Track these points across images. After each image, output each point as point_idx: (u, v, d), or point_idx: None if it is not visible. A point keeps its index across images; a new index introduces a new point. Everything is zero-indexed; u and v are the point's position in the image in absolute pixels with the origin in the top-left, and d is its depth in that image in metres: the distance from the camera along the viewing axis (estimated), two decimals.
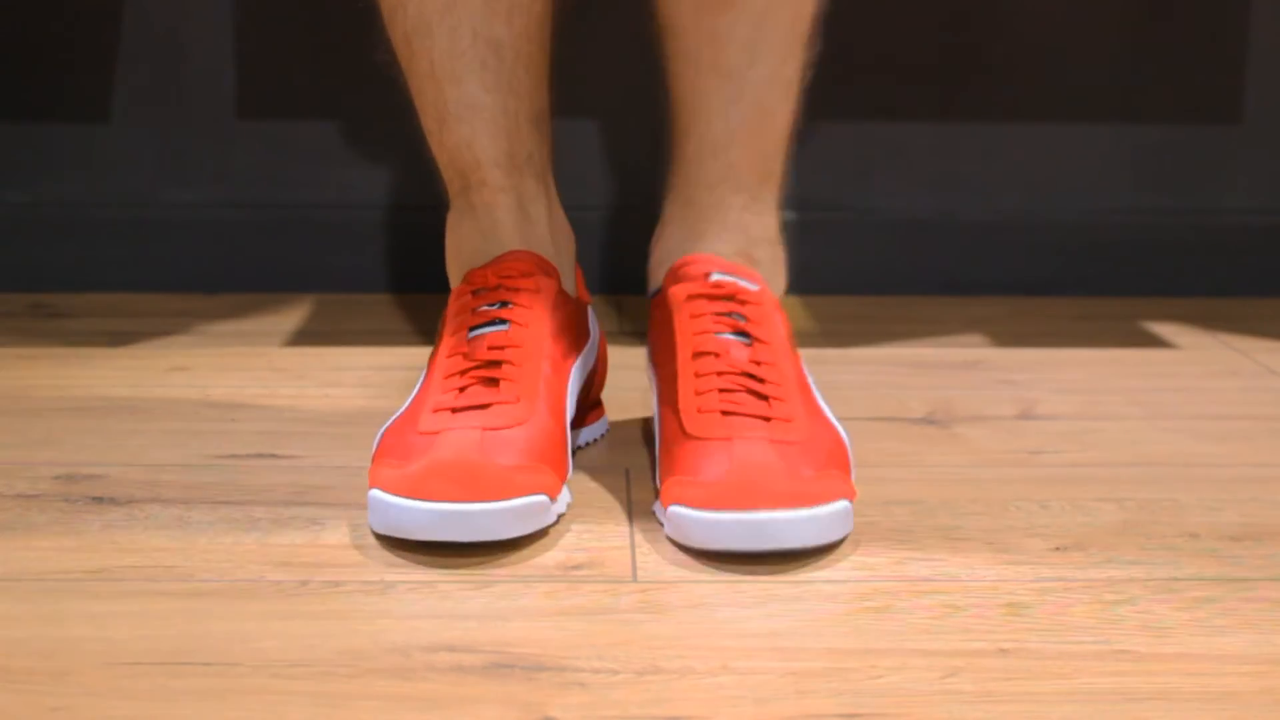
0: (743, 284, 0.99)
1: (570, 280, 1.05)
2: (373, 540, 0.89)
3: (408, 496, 0.85)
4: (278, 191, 1.65)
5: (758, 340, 0.96)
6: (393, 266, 1.65)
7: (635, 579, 0.84)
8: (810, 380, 0.99)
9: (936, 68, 1.66)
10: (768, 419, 0.91)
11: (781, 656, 0.75)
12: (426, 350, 1.04)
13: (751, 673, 0.73)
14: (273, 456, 1.04)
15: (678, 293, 0.99)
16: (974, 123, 1.66)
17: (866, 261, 1.64)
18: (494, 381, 0.93)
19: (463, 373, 0.94)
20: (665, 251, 1.05)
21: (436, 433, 0.90)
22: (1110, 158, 1.68)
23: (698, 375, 0.93)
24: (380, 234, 1.66)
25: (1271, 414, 1.20)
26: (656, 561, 0.86)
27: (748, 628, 0.78)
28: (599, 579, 0.84)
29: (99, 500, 0.95)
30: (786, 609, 0.80)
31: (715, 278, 0.99)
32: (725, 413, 0.91)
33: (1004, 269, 1.65)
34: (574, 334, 1.01)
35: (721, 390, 0.93)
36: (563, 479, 0.92)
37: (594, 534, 0.91)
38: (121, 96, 1.63)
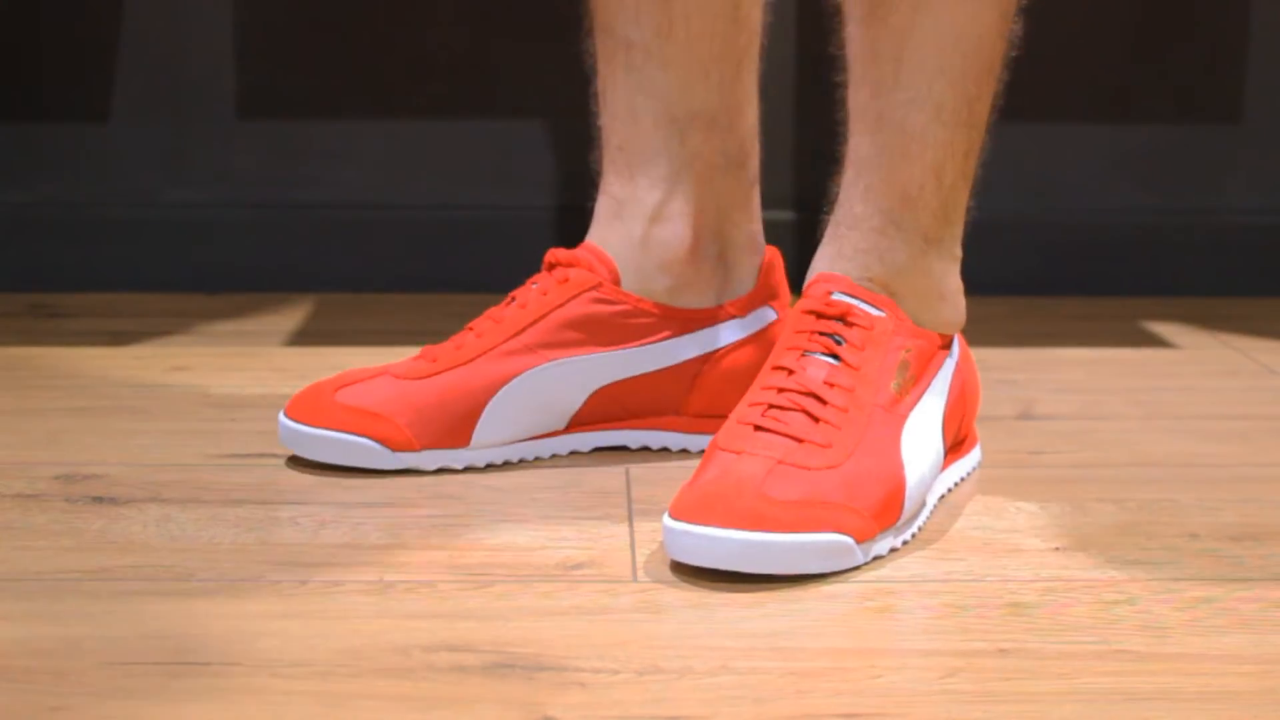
0: (862, 307, 0.93)
1: (659, 288, 1.03)
2: (373, 540, 0.89)
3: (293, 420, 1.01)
4: (278, 191, 1.65)
5: (846, 364, 0.91)
6: (393, 266, 1.65)
7: (635, 579, 0.84)
8: (912, 422, 0.92)
9: None
10: (800, 440, 0.87)
11: (781, 656, 0.75)
12: (429, 346, 1.05)
13: (751, 673, 0.73)
14: (273, 456, 1.04)
15: (795, 308, 0.96)
16: None
17: None
18: (458, 344, 1.02)
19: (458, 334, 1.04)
20: (810, 269, 1.01)
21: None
22: (1110, 158, 1.68)
23: (762, 387, 0.91)
24: (380, 234, 1.66)
25: (1271, 414, 1.20)
26: (656, 561, 0.86)
27: (748, 628, 0.78)
28: (599, 579, 0.84)
29: (99, 500, 0.95)
30: (786, 609, 0.80)
31: (834, 297, 0.94)
32: (758, 427, 0.88)
33: (1004, 269, 1.65)
34: (594, 331, 1.01)
35: (771, 405, 0.89)
36: (419, 439, 0.99)
37: (594, 534, 0.91)
38: (121, 96, 1.63)
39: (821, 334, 0.92)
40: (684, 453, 1.06)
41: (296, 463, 1.02)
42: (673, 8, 1.00)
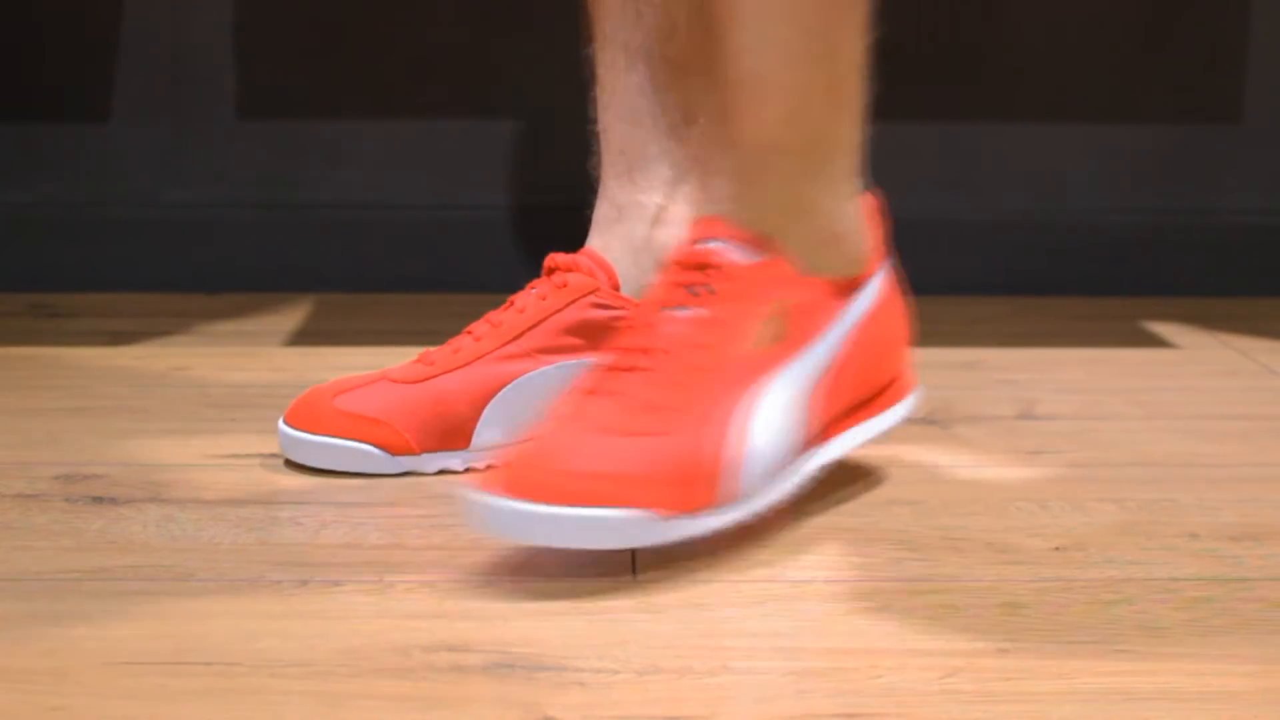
0: (732, 254, 0.86)
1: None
2: (373, 540, 0.89)
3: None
4: (278, 191, 1.65)
5: (702, 320, 0.85)
6: (393, 266, 1.65)
7: (635, 578, 0.84)
8: (773, 385, 0.86)
9: (936, 68, 1.66)
10: (628, 405, 0.84)
11: (781, 656, 0.75)
12: (427, 350, 1.06)
13: (751, 673, 0.73)
14: (273, 456, 1.04)
15: (668, 257, 0.92)
16: (974, 123, 1.66)
17: None
18: (455, 348, 1.03)
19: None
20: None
21: None
22: (1110, 158, 1.68)
23: (613, 347, 0.88)
24: (380, 234, 1.66)
25: (1271, 414, 1.20)
26: (656, 561, 0.86)
27: (748, 627, 0.78)
28: (598, 578, 0.84)
29: (99, 500, 0.95)
30: (786, 608, 0.80)
31: (698, 245, 0.88)
32: (592, 391, 0.86)
33: (1004, 269, 1.65)
34: (593, 336, 1.01)
35: (612, 368, 0.86)
36: (418, 443, 0.99)
37: None
38: (121, 96, 1.63)
39: (682, 285, 0.87)
40: None
41: (297, 463, 1.02)
42: (673, 9, 1.00)
